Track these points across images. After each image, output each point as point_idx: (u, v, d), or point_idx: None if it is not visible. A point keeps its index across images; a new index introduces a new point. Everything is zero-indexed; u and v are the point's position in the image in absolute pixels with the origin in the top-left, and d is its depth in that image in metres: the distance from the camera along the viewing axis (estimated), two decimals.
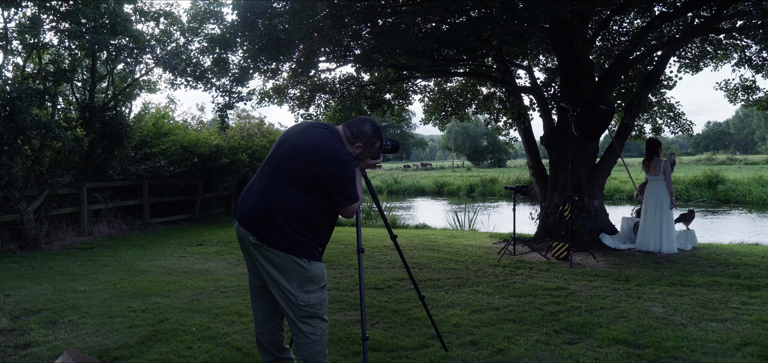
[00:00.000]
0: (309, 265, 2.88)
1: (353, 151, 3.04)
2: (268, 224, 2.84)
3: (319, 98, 11.75)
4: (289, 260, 2.85)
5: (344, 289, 5.95)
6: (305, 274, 2.88)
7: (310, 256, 2.89)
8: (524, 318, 4.81)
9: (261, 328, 3.12)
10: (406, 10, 7.83)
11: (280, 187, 2.87)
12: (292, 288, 2.87)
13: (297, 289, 2.88)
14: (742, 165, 47.80)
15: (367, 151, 3.09)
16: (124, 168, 11.79)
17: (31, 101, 8.67)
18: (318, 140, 2.93)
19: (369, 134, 3.05)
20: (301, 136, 2.97)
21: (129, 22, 10.10)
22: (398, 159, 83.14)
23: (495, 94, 12.05)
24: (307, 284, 2.89)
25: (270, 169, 2.95)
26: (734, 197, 23.82)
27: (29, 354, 4.02)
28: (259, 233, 2.85)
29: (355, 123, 3.05)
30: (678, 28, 9.52)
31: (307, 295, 2.90)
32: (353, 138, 3.03)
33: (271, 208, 2.85)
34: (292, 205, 2.84)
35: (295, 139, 2.97)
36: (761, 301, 5.29)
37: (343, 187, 2.89)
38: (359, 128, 3.04)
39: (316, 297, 2.93)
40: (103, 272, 7.02)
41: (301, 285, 2.88)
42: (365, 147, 3.06)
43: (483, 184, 33.10)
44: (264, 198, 2.89)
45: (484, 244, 9.49)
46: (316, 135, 2.96)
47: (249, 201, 2.95)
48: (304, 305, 2.89)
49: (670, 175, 8.10)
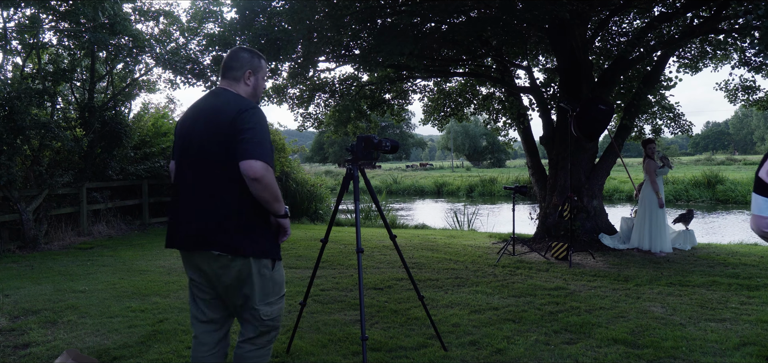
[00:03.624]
0: (271, 272, 2.64)
1: (247, 86, 2.72)
2: (223, 232, 2.51)
3: (319, 98, 11.76)
4: (252, 265, 2.56)
5: (344, 289, 5.95)
6: (267, 280, 2.62)
7: (273, 256, 2.63)
8: (523, 318, 4.81)
9: (205, 351, 2.72)
10: (405, 10, 7.83)
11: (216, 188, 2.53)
12: (255, 299, 2.60)
13: (259, 302, 2.61)
14: (741, 165, 47.81)
15: (260, 78, 2.78)
16: (124, 168, 11.79)
17: (31, 101, 8.66)
18: (214, 109, 2.59)
19: (247, 57, 2.72)
20: (198, 122, 2.62)
21: (128, 21, 10.09)
22: (398, 159, 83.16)
23: (494, 94, 12.06)
24: (269, 295, 2.64)
25: (193, 174, 2.60)
26: (733, 197, 23.84)
27: (28, 354, 4.02)
28: (219, 245, 2.51)
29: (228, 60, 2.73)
30: (677, 29, 9.52)
31: (269, 307, 2.65)
32: (236, 72, 2.69)
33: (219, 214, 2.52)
34: (236, 201, 2.51)
35: (196, 128, 2.62)
36: (760, 301, 5.29)
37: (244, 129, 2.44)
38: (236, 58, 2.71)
39: (278, 309, 2.69)
40: (102, 272, 7.01)
41: (264, 296, 2.62)
42: (255, 72, 2.73)
43: (482, 184, 33.13)
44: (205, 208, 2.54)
45: (483, 244, 9.50)
46: (208, 108, 2.62)
47: (187, 220, 2.59)
48: (266, 319, 2.64)
49: (653, 175, 8.12)
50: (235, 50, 2.75)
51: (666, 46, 8.84)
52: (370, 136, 3.58)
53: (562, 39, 8.71)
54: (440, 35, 8.52)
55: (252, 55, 2.75)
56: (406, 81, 11.80)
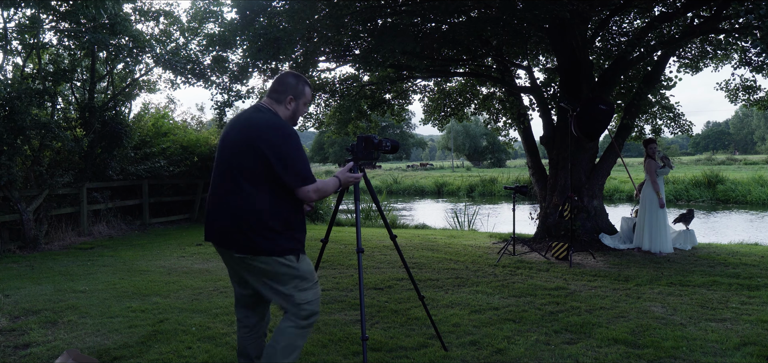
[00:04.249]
0: (297, 264, 2.84)
1: (286, 111, 2.93)
2: (242, 234, 2.75)
3: (319, 98, 11.75)
4: (276, 263, 2.78)
5: (344, 289, 5.95)
6: (295, 272, 2.83)
7: (296, 253, 2.84)
8: (524, 318, 4.81)
9: (246, 332, 3.06)
10: (405, 10, 7.84)
11: (238, 193, 2.76)
12: (288, 291, 2.83)
13: (293, 290, 2.84)
14: (741, 165, 47.81)
15: (301, 104, 2.98)
16: (124, 168, 11.79)
17: (31, 101, 8.67)
18: (249, 121, 2.83)
19: (293, 83, 2.94)
20: (234, 130, 2.88)
21: (128, 21, 10.09)
22: (398, 159, 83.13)
23: (495, 94, 12.05)
24: (300, 282, 2.85)
25: (221, 177, 2.86)
26: (734, 197, 23.83)
27: (29, 354, 4.02)
28: (238, 246, 2.77)
29: (275, 82, 2.95)
30: (678, 29, 9.52)
31: (303, 293, 2.86)
32: (280, 95, 2.91)
33: (237, 216, 2.75)
34: (254, 206, 2.74)
35: (231, 136, 2.87)
36: (760, 301, 5.29)
37: (289, 159, 2.74)
38: (282, 82, 2.93)
39: (312, 294, 2.90)
40: (102, 272, 7.01)
41: (296, 286, 2.84)
42: (296, 98, 2.94)
43: (482, 184, 33.11)
44: (227, 210, 2.79)
45: (483, 244, 9.50)
46: (245, 119, 2.87)
47: (213, 219, 2.86)
48: (303, 303, 2.85)
49: (653, 175, 8.11)
50: (284, 74, 2.98)
51: (666, 46, 8.84)
52: (370, 136, 3.57)
53: (562, 39, 8.71)
54: (440, 35, 8.52)
55: (297, 81, 2.96)
56: (407, 81, 11.80)
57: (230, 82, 9.88)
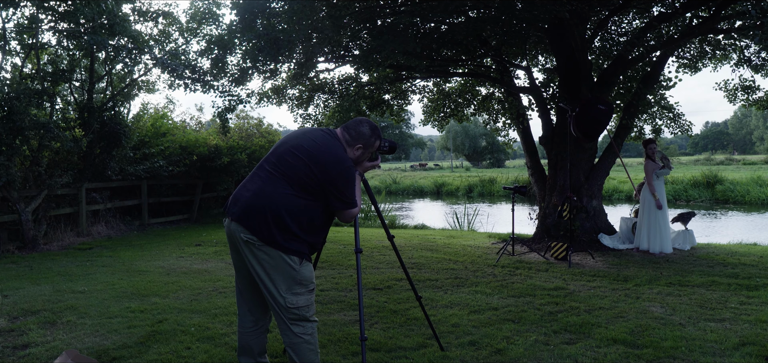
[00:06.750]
0: (299, 266, 2.88)
1: (353, 153, 3.07)
2: (263, 220, 2.83)
3: (318, 98, 11.76)
4: (280, 258, 2.84)
5: (343, 290, 5.95)
6: (294, 275, 2.87)
7: (301, 256, 2.89)
8: (523, 318, 4.81)
9: (248, 328, 3.10)
10: (404, 10, 7.83)
11: (278, 186, 2.87)
12: (281, 290, 2.87)
13: (285, 291, 2.87)
14: (740, 165, 47.86)
15: (367, 152, 3.12)
16: (123, 168, 11.78)
17: (30, 101, 8.65)
18: (320, 143, 2.95)
19: (368, 135, 3.08)
20: (303, 139, 2.99)
21: (127, 22, 10.07)
22: (397, 159, 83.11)
23: (494, 94, 12.06)
24: (295, 286, 2.89)
25: (269, 168, 2.96)
26: (732, 197, 23.84)
27: (28, 354, 4.01)
28: (252, 228, 2.84)
29: (353, 125, 3.08)
30: (677, 29, 9.52)
31: (295, 297, 2.89)
32: (352, 140, 3.05)
33: (268, 205, 2.84)
34: (288, 204, 2.84)
35: (297, 141, 2.99)
36: (759, 301, 5.29)
37: (342, 192, 2.91)
38: (358, 129, 3.06)
39: (304, 300, 2.92)
40: (101, 273, 7.01)
41: (289, 287, 2.88)
42: (365, 148, 3.09)
43: (482, 185, 33.10)
44: (261, 195, 2.87)
45: (482, 244, 9.50)
46: (317, 138, 2.98)
47: (243, 197, 2.92)
48: (292, 307, 2.88)
49: (650, 177, 8.12)
50: (363, 122, 3.10)
51: (665, 46, 8.85)
52: None
53: (561, 39, 8.71)
54: (440, 35, 8.51)
55: (372, 133, 3.10)
56: (406, 81, 11.80)
57: (230, 86, 9.86)
